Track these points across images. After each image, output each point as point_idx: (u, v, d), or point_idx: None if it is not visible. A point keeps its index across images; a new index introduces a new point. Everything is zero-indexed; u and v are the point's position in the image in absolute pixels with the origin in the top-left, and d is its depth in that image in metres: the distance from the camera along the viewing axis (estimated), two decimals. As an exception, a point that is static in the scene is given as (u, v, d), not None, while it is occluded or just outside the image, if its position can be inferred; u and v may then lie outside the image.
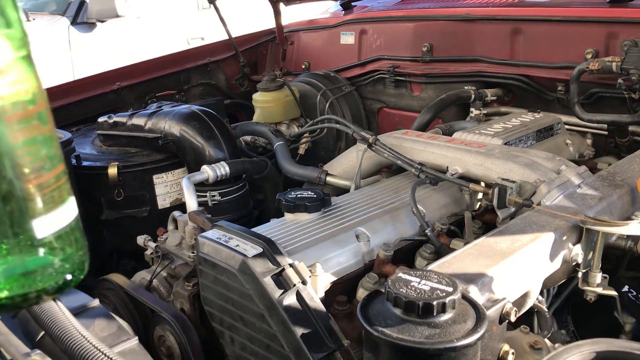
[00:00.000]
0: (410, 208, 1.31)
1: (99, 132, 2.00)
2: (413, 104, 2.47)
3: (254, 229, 1.17)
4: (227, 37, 2.85)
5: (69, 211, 0.49)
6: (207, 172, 1.56)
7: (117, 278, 1.37)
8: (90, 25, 5.62)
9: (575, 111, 1.91)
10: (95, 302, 0.98)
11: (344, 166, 1.79)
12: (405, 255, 1.30)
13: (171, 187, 1.88)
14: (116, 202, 1.85)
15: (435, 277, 0.83)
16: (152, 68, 2.73)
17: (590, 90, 1.98)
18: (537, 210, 1.22)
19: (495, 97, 2.25)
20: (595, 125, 1.99)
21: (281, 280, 1.01)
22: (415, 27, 2.47)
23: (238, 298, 1.06)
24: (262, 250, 1.05)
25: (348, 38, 2.74)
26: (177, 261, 1.43)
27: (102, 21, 5.62)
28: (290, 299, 0.99)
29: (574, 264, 1.16)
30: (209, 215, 1.33)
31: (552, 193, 1.26)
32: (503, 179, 1.27)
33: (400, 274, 0.84)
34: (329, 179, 1.70)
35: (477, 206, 1.51)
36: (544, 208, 1.21)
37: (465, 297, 0.84)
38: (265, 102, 2.46)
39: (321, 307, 1.01)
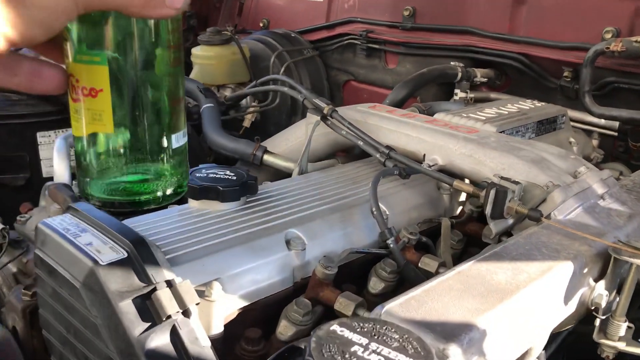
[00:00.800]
0: (369, 207, 0.96)
1: (-24, 70, 1.59)
2: (386, 79, 2.13)
3: (128, 220, 0.81)
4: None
5: (185, 136, 0.62)
6: (97, 132, 1.18)
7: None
8: None
9: (584, 103, 1.60)
10: None
11: (290, 143, 1.43)
12: (355, 271, 0.96)
13: (62, 150, 1.49)
14: (-17, 163, 1.45)
15: (396, 335, 0.49)
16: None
17: (604, 79, 1.67)
18: (547, 227, 0.89)
19: (485, 79, 1.93)
20: (602, 123, 1.69)
21: (149, 308, 0.65)
22: (398, -15, 2.12)
23: (82, 328, 0.70)
24: (125, 255, 0.69)
25: (316, -6, 2.38)
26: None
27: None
28: (159, 340, 0.64)
29: (593, 308, 0.84)
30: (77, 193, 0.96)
31: (567, 203, 0.94)
32: (502, 178, 0.94)
33: (336, 327, 0.49)
34: (266, 157, 1.34)
35: (459, 211, 1.18)
36: (557, 224, 0.88)
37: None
38: (207, 59, 2.09)
39: (209, 355, 0.66)
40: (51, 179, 1.50)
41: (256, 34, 2.35)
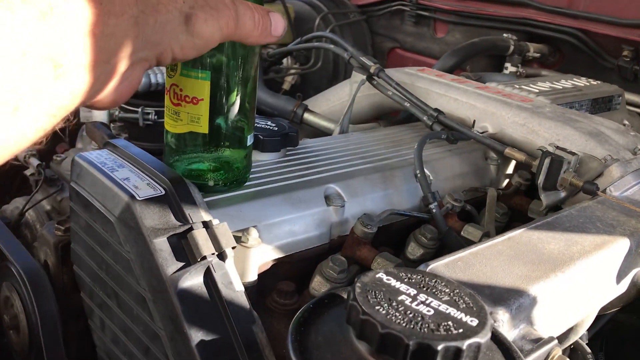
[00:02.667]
0: (413, 169, 0.93)
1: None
2: (434, 48, 2.07)
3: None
4: None
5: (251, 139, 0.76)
6: (138, 76, 1.16)
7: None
8: None
9: (645, 84, 1.53)
10: None
11: (332, 104, 1.40)
12: (393, 235, 0.93)
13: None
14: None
15: (447, 289, 0.46)
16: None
17: (667, 61, 1.59)
18: (603, 202, 0.84)
19: (538, 55, 1.86)
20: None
21: (184, 247, 0.63)
22: (453, -49, 2.04)
23: (114, 263, 0.68)
24: (163, 192, 0.67)
25: (367, -44, 2.32)
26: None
27: None
28: (192, 280, 0.62)
29: (645, 289, 0.80)
30: (118, 135, 0.94)
31: (626, 179, 0.89)
32: (557, 148, 0.89)
33: (382, 275, 0.46)
34: (307, 116, 1.31)
35: (505, 184, 1.14)
36: (614, 199, 0.84)
37: (496, 337, 0.47)
38: (250, 16, 2.04)
39: (242, 299, 0.64)
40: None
41: (302, -5, 2.31)
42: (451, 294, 0.45)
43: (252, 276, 0.72)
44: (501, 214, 1.03)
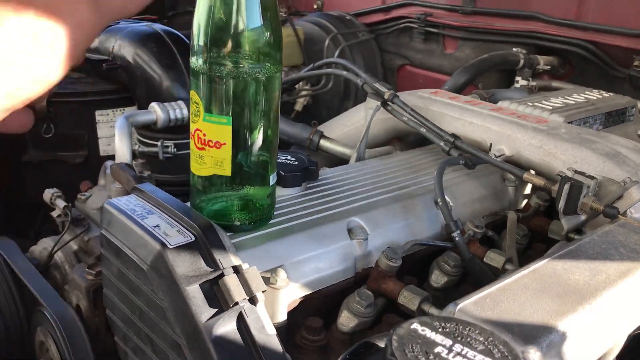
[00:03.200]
0: (433, 197, 0.94)
1: (37, 47, 1.62)
2: (444, 64, 2.08)
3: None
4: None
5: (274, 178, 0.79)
6: (157, 111, 1.18)
7: (4, 245, 1.00)
8: None
9: (657, 94, 1.53)
10: None
11: (347, 129, 1.41)
12: (415, 263, 0.94)
13: (119, 129, 1.50)
14: (44, 140, 1.47)
15: (481, 337, 0.47)
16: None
17: (678, 70, 1.59)
18: (624, 225, 0.85)
19: (548, 67, 1.86)
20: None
21: (216, 293, 0.65)
22: (459, -33, 2.06)
23: (147, 310, 0.70)
24: (193, 238, 0.68)
25: (373, -25, 2.33)
26: (96, 231, 1.07)
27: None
28: (226, 327, 0.63)
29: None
30: (143, 175, 0.96)
31: (646, 201, 0.89)
32: (576, 172, 0.90)
33: (416, 325, 0.47)
34: (323, 142, 1.33)
35: (523, 204, 1.14)
36: (635, 222, 0.84)
37: (531, 384, 0.48)
38: (261, 40, 2.07)
39: (275, 343, 0.65)
40: (109, 157, 1.53)
41: (311, 16, 2.33)
42: (485, 342, 0.46)
43: (282, 316, 0.73)
44: (521, 236, 1.04)
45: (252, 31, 0.68)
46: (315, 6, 2.59)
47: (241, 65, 0.69)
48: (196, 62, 0.70)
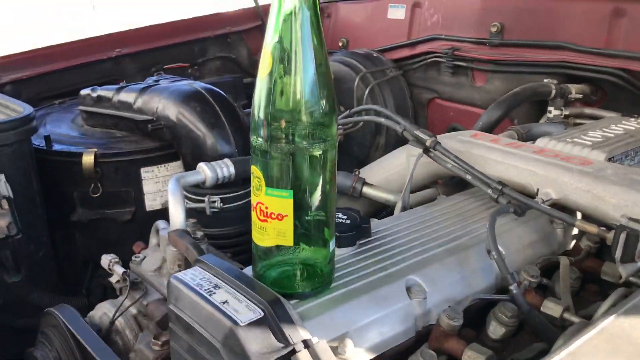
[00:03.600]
0: (486, 246, 0.94)
1: (81, 108, 1.67)
2: (474, 97, 2.09)
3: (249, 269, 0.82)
4: (252, 4, 2.50)
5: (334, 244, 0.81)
6: (205, 171, 1.21)
7: (66, 313, 1.03)
8: None
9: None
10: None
11: (387, 173, 1.42)
12: (472, 314, 0.94)
13: (164, 184, 1.54)
14: (92, 199, 1.52)
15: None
16: (161, 35, 2.40)
17: None
18: (684, 271, 0.84)
19: (580, 95, 1.85)
20: None
21: (289, 369, 0.66)
22: (484, 1, 2.07)
23: (221, 386, 0.71)
24: (262, 314, 0.70)
25: (397, 12, 2.37)
26: (153, 294, 1.09)
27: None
28: (301, 403, 0.64)
29: None
30: (197, 236, 0.98)
31: None
32: (630, 219, 0.90)
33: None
34: (366, 190, 1.34)
35: (572, 245, 1.14)
36: (696, 269, 0.83)
37: None
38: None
39: (350, 417, 0.65)
40: (155, 212, 1.56)
41: (338, 55, 2.36)
42: None
43: (351, 385, 0.74)
44: (574, 279, 1.04)
45: (310, 111, 0.70)
46: (340, 44, 2.62)
47: (300, 142, 0.71)
48: (257, 139, 0.72)
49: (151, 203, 1.55)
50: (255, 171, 0.74)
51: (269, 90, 0.70)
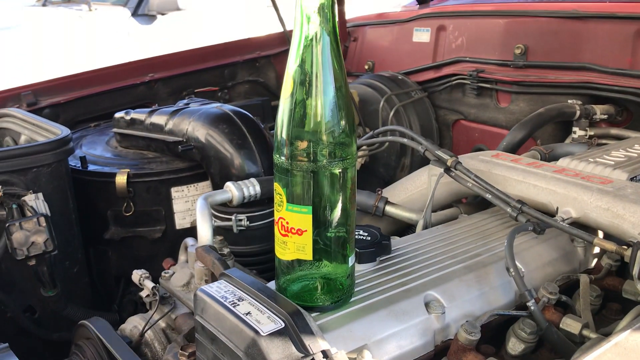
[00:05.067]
0: (505, 264, 0.96)
1: (115, 130, 1.74)
2: (499, 118, 2.10)
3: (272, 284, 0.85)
4: (281, 29, 2.57)
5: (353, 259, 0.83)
6: (232, 190, 1.25)
7: (99, 325, 1.07)
8: (150, 17, 5.63)
9: None
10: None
11: (410, 192, 1.44)
12: (491, 330, 0.95)
13: (193, 203, 1.59)
14: (124, 217, 1.57)
15: None
16: (192, 60, 2.47)
17: None
18: (703, 289, 0.84)
19: (605, 116, 1.85)
20: None
21: (308, 378, 0.68)
22: (508, 24, 2.10)
23: (243, 394, 0.74)
24: (283, 325, 0.72)
25: (422, 35, 2.40)
26: (181, 308, 1.13)
27: (162, 14, 5.59)
28: (319, 410, 0.66)
29: None
30: (224, 252, 1.02)
31: None
32: (648, 236, 0.90)
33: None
34: (389, 208, 1.36)
35: (593, 263, 1.14)
36: None
37: None
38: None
39: None
40: (184, 230, 1.61)
41: (364, 78, 2.40)
42: None
43: (370, 396, 0.76)
44: (595, 297, 1.04)
45: (329, 129, 0.74)
46: (366, 67, 2.67)
47: (320, 161, 0.74)
48: (279, 158, 0.76)
49: (181, 222, 1.60)
50: (278, 188, 0.77)
51: (291, 111, 0.74)
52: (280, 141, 0.76)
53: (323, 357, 0.70)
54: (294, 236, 0.77)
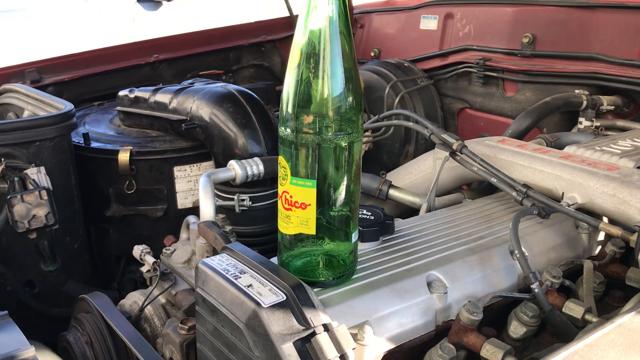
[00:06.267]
0: (509, 247, 0.95)
1: (119, 108, 1.73)
2: (504, 107, 2.09)
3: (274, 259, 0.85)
4: (287, 14, 2.56)
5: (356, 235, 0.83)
6: (235, 169, 1.24)
7: (99, 299, 1.07)
8: (156, 4, 5.63)
9: None
10: (30, 353, 0.68)
11: (414, 177, 1.44)
12: (494, 313, 0.94)
13: (195, 183, 1.58)
14: (126, 195, 1.56)
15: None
16: (197, 42, 2.46)
17: None
18: None
19: (612, 107, 1.84)
20: None
21: (309, 351, 0.68)
22: (516, 12, 2.08)
23: (243, 366, 0.73)
24: (284, 297, 0.72)
25: (430, 22, 2.38)
26: (181, 284, 1.12)
27: (168, 0, 5.58)
28: (319, 383, 0.66)
29: None
30: (226, 230, 1.01)
31: None
32: (654, 221, 0.89)
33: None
34: (392, 192, 1.36)
35: (598, 251, 1.13)
36: None
37: None
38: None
39: (367, 400, 0.67)
40: (186, 209, 1.60)
41: (369, 64, 2.38)
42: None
43: (370, 371, 0.75)
44: (598, 284, 1.03)
45: (336, 103, 0.73)
46: (372, 54, 2.65)
47: (325, 134, 0.73)
48: (284, 130, 0.75)
49: (183, 201, 1.59)
50: (282, 161, 0.76)
51: (297, 82, 0.73)
52: (286, 114, 0.75)
53: (324, 331, 0.69)
54: (297, 210, 0.77)
